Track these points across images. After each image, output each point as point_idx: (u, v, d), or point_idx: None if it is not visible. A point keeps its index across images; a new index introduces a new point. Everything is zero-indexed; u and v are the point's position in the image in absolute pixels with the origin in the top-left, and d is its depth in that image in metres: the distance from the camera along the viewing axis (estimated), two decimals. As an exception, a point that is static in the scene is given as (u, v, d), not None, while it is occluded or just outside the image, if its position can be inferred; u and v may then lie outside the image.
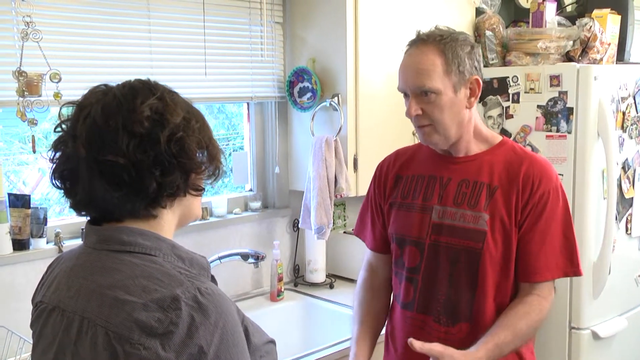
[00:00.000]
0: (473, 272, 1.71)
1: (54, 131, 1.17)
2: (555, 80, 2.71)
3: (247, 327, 1.14)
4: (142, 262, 1.09)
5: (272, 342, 1.23)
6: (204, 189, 1.20)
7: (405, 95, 1.74)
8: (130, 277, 1.06)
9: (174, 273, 1.08)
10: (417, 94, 1.69)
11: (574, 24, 2.97)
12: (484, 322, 1.71)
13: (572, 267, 1.73)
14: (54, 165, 1.15)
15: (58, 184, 1.15)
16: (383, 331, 1.93)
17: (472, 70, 1.70)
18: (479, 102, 2.87)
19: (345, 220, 3.18)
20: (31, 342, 1.97)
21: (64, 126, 1.15)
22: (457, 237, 1.73)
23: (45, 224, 2.27)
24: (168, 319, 1.01)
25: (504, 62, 3.01)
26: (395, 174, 1.90)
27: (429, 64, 1.66)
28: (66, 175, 1.13)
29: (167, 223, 1.16)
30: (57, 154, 1.15)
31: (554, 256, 1.71)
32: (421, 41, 1.70)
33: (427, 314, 1.77)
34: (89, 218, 1.18)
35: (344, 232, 3.10)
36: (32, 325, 1.21)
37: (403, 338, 1.82)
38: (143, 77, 1.19)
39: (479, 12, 3.17)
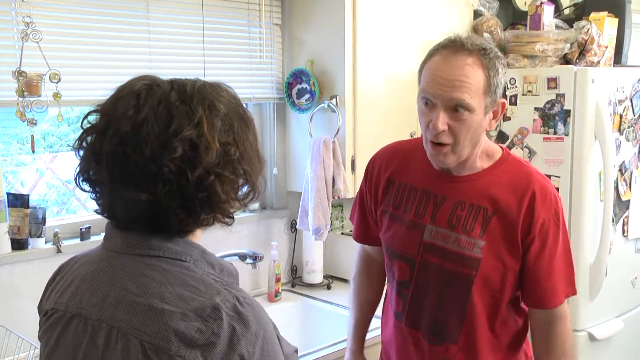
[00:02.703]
0: (464, 297, 1.67)
1: (80, 136, 1.06)
2: (552, 82, 2.72)
3: (278, 336, 1.09)
4: (174, 268, 1.03)
5: (296, 350, 1.17)
6: (233, 218, 1.12)
7: (427, 103, 1.57)
8: (163, 284, 1.00)
9: (209, 281, 1.03)
10: (449, 108, 1.53)
11: (571, 26, 2.98)
12: (474, 344, 1.70)
13: (571, 289, 1.71)
14: (79, 166, 1.07)
15: (82, 186, 1.08)
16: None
17: (502, 92, 1.58)
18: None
19: (342, 221, 3.18)
20: (30, 341, 1.98)
21: (89, 138, 1.05)
22: (450, 261, 1.67)
23: (44, 224, 2.27)
24: (209, 329, 0.96)
25: (502, 65, 3.02)
26: (387, 177, 1.80)
27: (473, 79, 1.51)
28: (92, 182, 1.06)
29: (194, 235, 1.11)
30: (82, 154, 1.06)
31: (561, 281, 1.68)
32: (464, 49, 1.53)
33: (415, 329, 1.75)
34: (109, 221, 1.12)
35: (342, 233, 3.10)
36: (43, 335, 1.12)
37: (395, 346, 1.83)
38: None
39: (477, 14, 3.18)
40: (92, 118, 1.07)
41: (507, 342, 1.74)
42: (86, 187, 1.08)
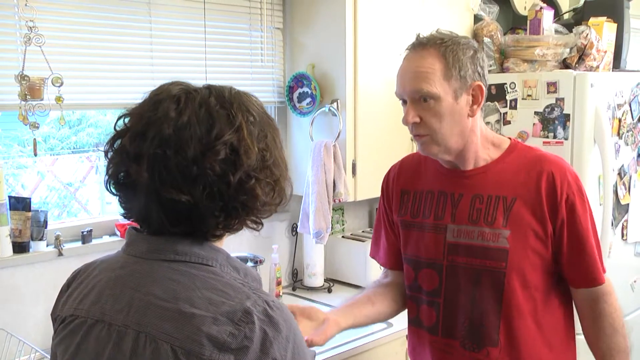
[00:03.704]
0: (497, 293, 1.62)
1: (111, 143, 1.07)
2: (552, 87, 2.73)
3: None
4: (201, 273, 1.03)
5: (314, 355, 1.17)
6: (262, 224, 1.14)
7: (404, 102, 1.62)
8: (192, 289, 1.00)
9: (237, 285, 1.03)
10: (416, 100, 1.57)
11: (571, 31, 2.99)
12: (517, 344, 1.63)
13: (603, 266, 1.66)
14: (110, 169, 1.07)
15: (113, 190, 1.08)
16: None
17: (474, 75, 1.58)
18: (477, 108, 2.89)
19: (343, 224, 3.19)
20: (31, 345, 1.99)
21: (121, 140, 1.05)
22: (477, 257, 1.63)
23: (46, 227, 2.27)
24: (242, 333, 0.97)
25: (502, 69, 3.04)
26: (400, 188, 1.80)
27: (428, 68, 1.55)
28: (123, 185, 1.07)
29: (220, 241, 1.13)
30: (113, 156, 1.07)
31: (598, 258, 1.65)
32: (420, 45, 1.59)
33: (452, 338, 1.69)
34: (132, 226, 1.12)
35: (342, 237, 3.11)
36: (61, 342, 1.10)
37: None
38: (196, 79, 1.08)
39: (477, 18, 3.20)
40: (125, 121, 1.08)
41: (556, 337, 1.68)
42: (114, 190, 1.08)
